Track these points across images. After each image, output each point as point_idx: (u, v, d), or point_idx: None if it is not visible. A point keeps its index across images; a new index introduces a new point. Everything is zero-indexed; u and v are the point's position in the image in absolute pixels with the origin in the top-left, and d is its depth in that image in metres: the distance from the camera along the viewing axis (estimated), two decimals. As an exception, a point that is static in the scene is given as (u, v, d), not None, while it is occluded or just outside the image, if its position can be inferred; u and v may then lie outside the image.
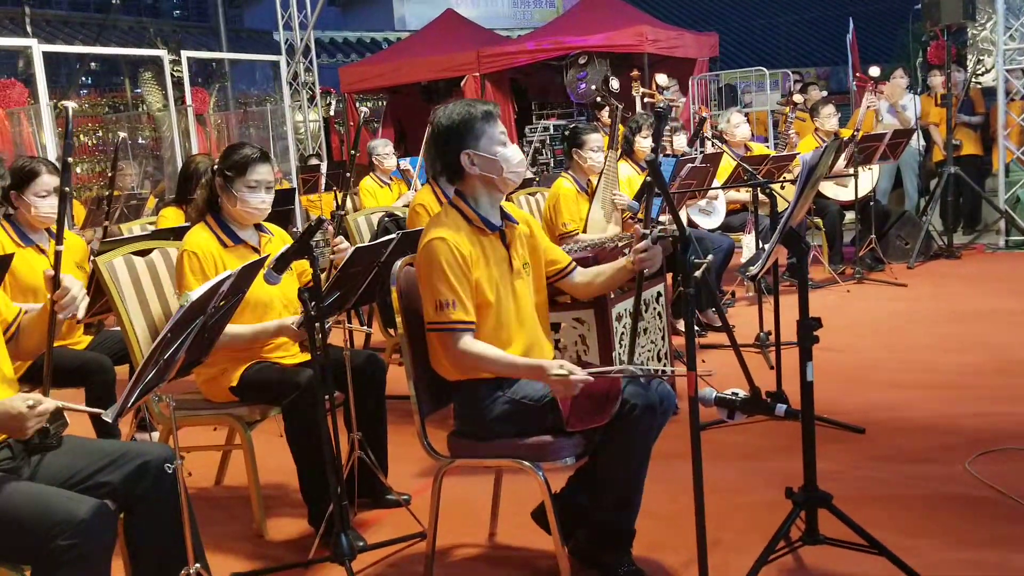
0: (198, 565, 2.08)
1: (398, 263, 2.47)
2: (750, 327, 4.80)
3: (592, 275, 2.52)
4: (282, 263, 2.39)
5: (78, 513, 1.74)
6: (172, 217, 4.33)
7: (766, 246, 2.19)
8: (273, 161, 2.91)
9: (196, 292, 1.73)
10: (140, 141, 10.40)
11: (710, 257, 1.83)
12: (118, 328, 2.84)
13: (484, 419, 2.33)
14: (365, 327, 3.45)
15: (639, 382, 2.25)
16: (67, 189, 2.13)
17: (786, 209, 2.11)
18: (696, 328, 5.04)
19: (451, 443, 2.40)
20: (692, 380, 1.82)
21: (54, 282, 2.02)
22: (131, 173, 7.01)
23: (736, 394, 2.13)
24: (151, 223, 5.20)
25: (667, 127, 4.60)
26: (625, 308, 3.48)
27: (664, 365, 3.82)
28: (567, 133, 4.51)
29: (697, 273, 1.76)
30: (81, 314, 2.09)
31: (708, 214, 5.67)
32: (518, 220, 2.42)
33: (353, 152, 3.61)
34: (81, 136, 10.49)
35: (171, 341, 1.77)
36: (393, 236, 2.80)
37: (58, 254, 2.11)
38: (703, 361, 4.47)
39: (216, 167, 2.88)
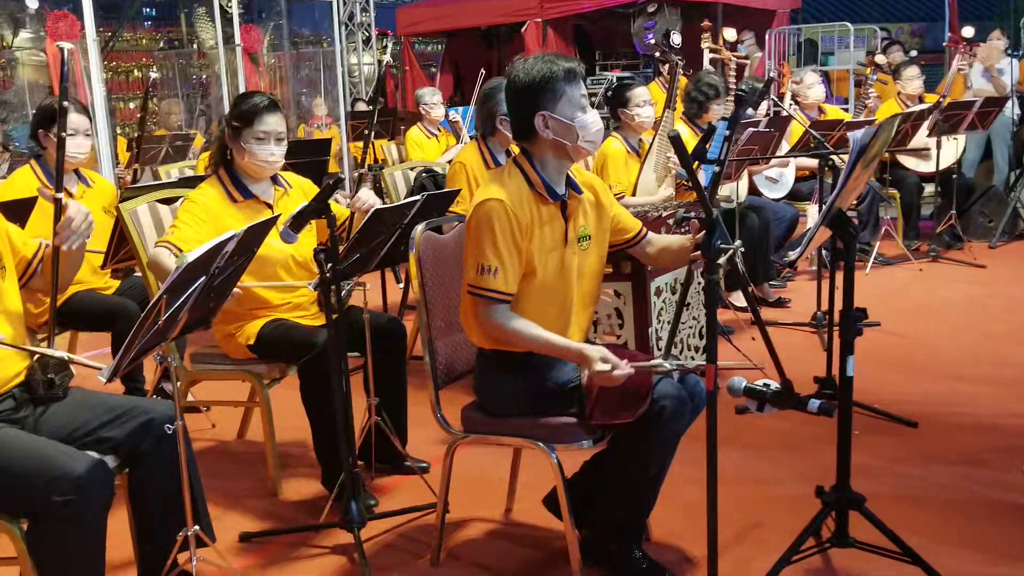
0: (197, 527, 2.12)
1: (418, 228, 2.45)
2: (808, 304, 4.70)
3: (664, 243, 2.48)
4: (299, 221, 2.38)
5: (75, 469, 1.79)
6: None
7: (809, 228, 2.10)
8: (284, 111, 2.87)
9: (193, 253, 1.73)
10: (193, 78, 10.54)
11: (738, 243, 1.75)
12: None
13: (503, 396, 2.32)
14: (364, 283, 3.44)
15: (671, 377, 2.21)
16: (64, 135, 2.14)
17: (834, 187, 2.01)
18: (744, 305, 4.98)
19: (465, 417, 2.39)
20: (711, 374, 1.77)
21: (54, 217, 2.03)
22: (176, 112, 7.07)
23: (767, 385, 2.08)
24: (191, 166, 5.28)
25: (745, 108, 4.39)
26: (665, 283, 3.41)
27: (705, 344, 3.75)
28: (610, 93, 4.40)
29: (721, 260, 1.68)
30: (76, 244, 2.07)
31: (775, 182, 5.51)
32: (583, 188, 2.36)
33: (381, 101, 3.56)
34: (136, 71, 10.67)
35: (171, 302, 1.77)
36: (417, 198, 2.76)
37: (57, 201, 2.13)
38: (753, 339, 4.38)
39: (225, 117, 2.87)
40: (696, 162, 2.60)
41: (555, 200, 2.27)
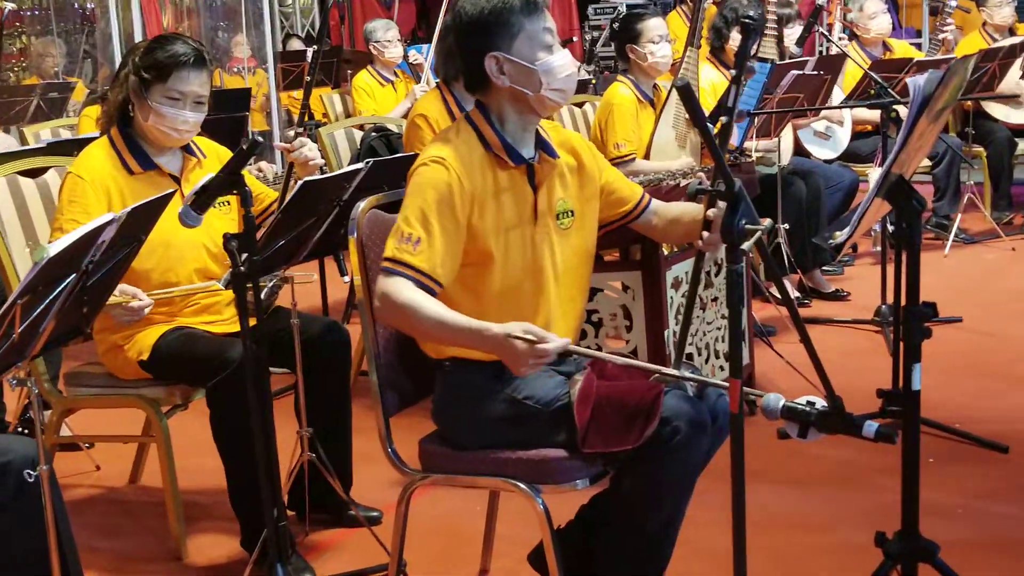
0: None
1: (361, 204, 2.43)
2: (871, 296, 4.70)
3: (675, 214, 2.49)
4: (202, 199, 2.36)
5: None
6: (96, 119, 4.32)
7: (861, 203, 2.09)
8: (211, 68, 2.84)
9: (56, 245, 1.70)
10: (73, 8, 10.42)
11: (767, 223, 1.74)
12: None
13: (471, 423, 2.32)
14: (311, 275, 3.43)
15: (685, 392, 2.20)
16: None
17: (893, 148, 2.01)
18: (797, 296, 5.00)
19: (424, 452, 2.39)
20: (736, 391, 1.76)
21: None
22: (53, 54, 6.99)
23: (812, 404, 2.07)
24: (69, 125, 5.22)
25: (754, 41, 4.36)
26: (686, 271, 3.41)
27: (740, 346, 3.75)
28: (616, 26, 4.39)
29: (746, 245, 1.67)
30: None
31: (826, 139, 5.52)
32: (560, 150, 2.37)
33: (327, 43, 3.54)
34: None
35: (29, 308, 1.75)
36: (359, 166, 2.74)
37: None
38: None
39: (133, 63, 2.84)
40: (719, 120, 2.60)
41: (518, 163, 2.28)
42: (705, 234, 2.27)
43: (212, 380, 2.71)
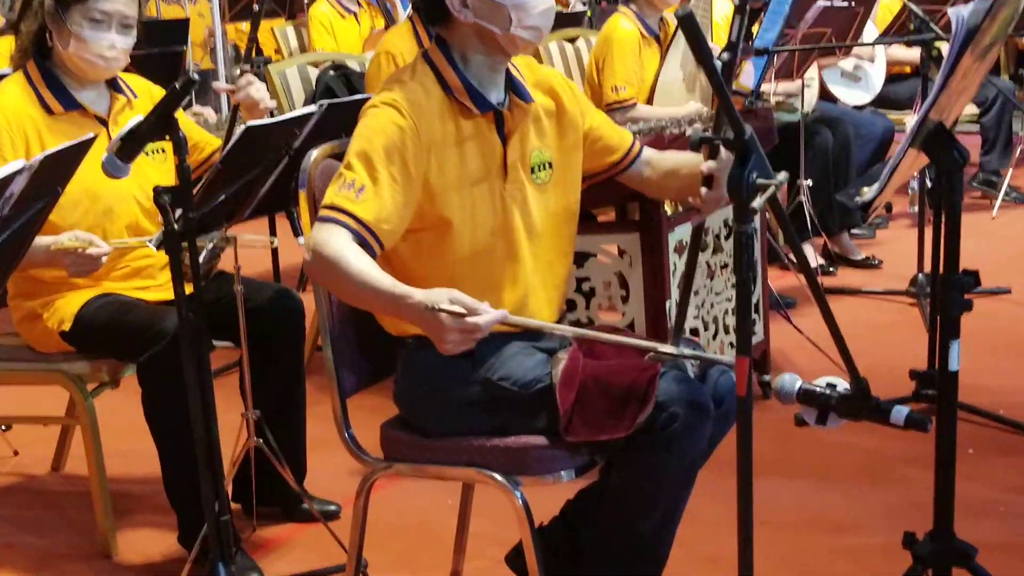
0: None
1: (314, 153, 2.43)
2: (905, 264, 4.72)
3: (673, 164, 2.48)
4: (131, 146, 2.35)
5: None
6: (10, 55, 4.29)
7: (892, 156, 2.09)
8: None
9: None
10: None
11: (781, 176, 1.73)
12: None
13: (438, 405, 2.32)
14: (272, 239, 3.44)
15: (684, 372, 2.21)
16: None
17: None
18: (821, 263, 5.02)
19: (387, 438, 2.39)
20: (744, 371, 1.76)
21: None
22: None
23: (832, 387, 2.07)
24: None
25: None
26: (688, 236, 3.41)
27: (754, 320, 3.77)
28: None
29: (757, 203, 1.67)
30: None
31: (855, 82, 5.51)
32: (535, 92, 2.36)
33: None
34: None
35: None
36: (312, 108, 2.73)
37: None
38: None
39: None
40: (729, 56, 2.58)
41: (484, 111, 2.27)
42: (704, 191, 2.25)
43: (144, 354, 2.70)
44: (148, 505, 3.18)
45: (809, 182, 4.89)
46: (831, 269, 5.12)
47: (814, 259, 5.08)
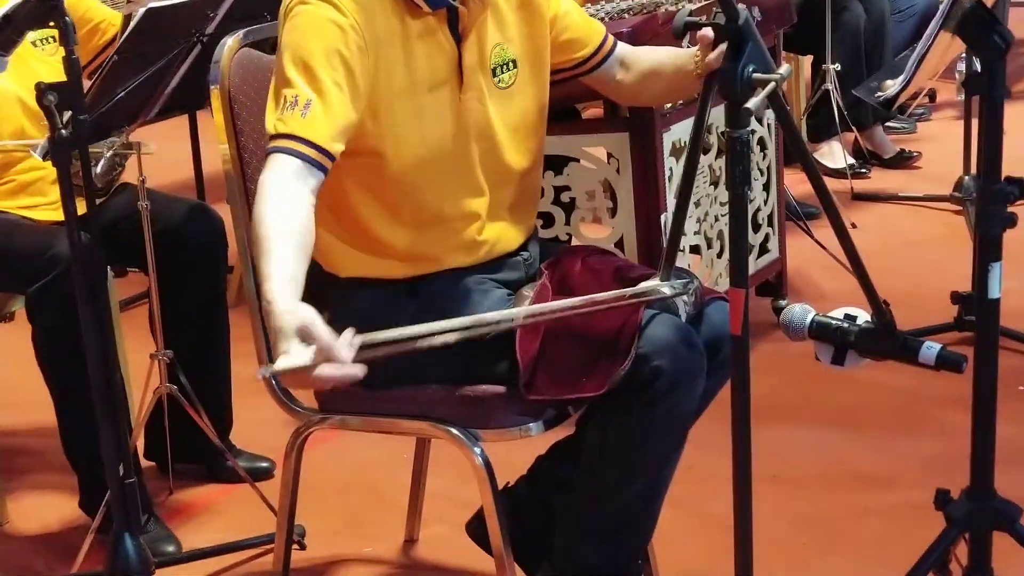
0: None
1: (228, 40, 2.41)
2: (951, 164, 4.69)
3: (653, 63, 2.46)
4: (5, 35, 2.30)
5: None
6: None
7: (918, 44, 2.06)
8: None
9: None
10: None
11: (784, 69, 1.70)
12: None
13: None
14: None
15: (674, 313, 2.20)
16: None
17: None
18: (851, 162, 5.00)
19: None
20: (738, 304, 1.76)
21: None
22: None
23: (852, 319, 2.09)
24: None
25: None
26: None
27: (767, 235, 3.76)
28: None
29: (753, 103, 1.64)
30: None
31: (894, -59, 5.45)
32: None
33: None
34: None
35: None
36: None
37: None
38: (853, 226, 4.38)
39: None
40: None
41: (437, 6, 2.23)
42: (712, 54, 2.12)
43: (33, 284, 2.71)
44: (44, 464, 3.20)
45: (837, 66, 4.86)
46: (863, 170, 5.12)
47: (843, 158, 5.06)
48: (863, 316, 2.08)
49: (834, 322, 2.07)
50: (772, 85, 1.68)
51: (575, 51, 2.43)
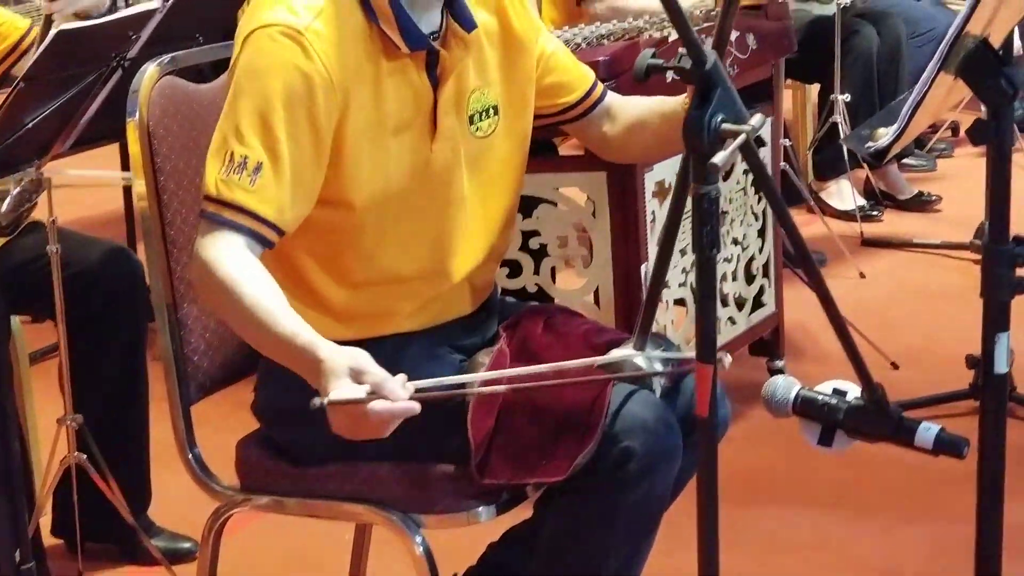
0: None
1: (149, 67, 2.40)
2: (972, 207, 4.68)
3: (636, 115, 2.47)
4: None
5: None
6: None
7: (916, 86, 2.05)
8: None
9: None
10: None
11: (756, 120, 1.69)
12: None
13: (313, 422, 2.22)
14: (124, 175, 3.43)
15: (647, 386, 2.20)
16: None
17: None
18: (861, 204, 5.01)
19: (244, 461, 2.41)
20: (705, 381, 1.75)
21: None
22: None
23: (841, 394, 2.08)
24: None
25: None
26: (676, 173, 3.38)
27: (762, 287, 3.75)
28: None
29: (721, 157, 1.63)
30: None
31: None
32: (479, 16, 2.31)
33: None
34: None
35: None
36: (153, 5, 2.74)
37: None
38: (861, 275, 4.36)
39: None
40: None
41: (415, 48, 2.21)
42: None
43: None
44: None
45: (847, 96, 4.86)
46: (874, 212, 5.12)
47: (853, 198, 5.06)
48: (854, 391, 2.06)
49: (821, 398, 2.05)
50: (743, 137, 1.66)
51: (559, 96, 2.45)
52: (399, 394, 1.91)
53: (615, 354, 2.18)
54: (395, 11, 2.19)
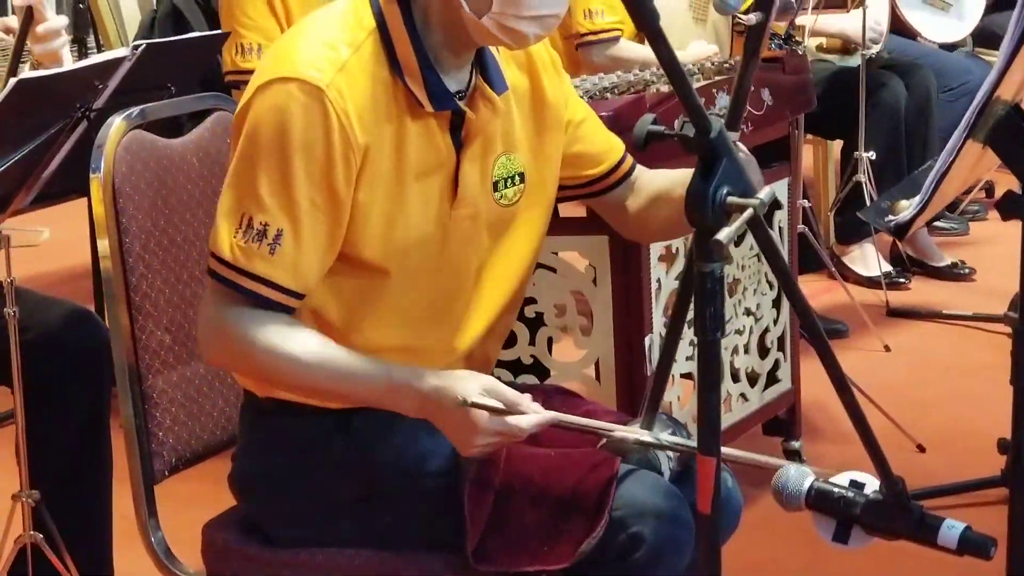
0: None
1: (116, 120, 2.42)
2: (1006, 276, 4.69)
3: (658, 188, 2.49)
4: None
5: None
6: None
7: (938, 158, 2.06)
8: None
9: None
10: None
11: (765, 194, 1.69)
12: None
13: (294, 500, 2.31)
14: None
15: (656, 468, 2.20)
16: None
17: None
18: (888, 270, 5.01)
19: (211, 544, 2.39)
20: (708, 474, 1.74)
21: None
22: None
23: (859, 486, 2.07)
24: None
25: None
26: (686, 239, 3.37)
27: (777, 361, 3.75)
28: None
29: (726, 233, 1.63)
30: None
31: (944, 9, 5.49)
32: (511, 77, 2.33)
33: None
34: None
35: None
36: (122, 53, 2.73)
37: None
38: (887, 348, 4.37)
39: None
40: (761, 16, 2.55)
41: (440, 107, 2.22)
42: None
43: None
44: None
45: (872, 154, 4.87)
46: (901, 279, 5.12)
47: (878, 264, 5.06)
48: (872, 483, 2.05)
49: (836, 491, 2.03)
50: (749, 212, 1.67)
51: (586, 168, 2.46)
52: (535, 408, 2.11)
53: (620, 433, 2.17)
54: (422, 67, 2.20)
